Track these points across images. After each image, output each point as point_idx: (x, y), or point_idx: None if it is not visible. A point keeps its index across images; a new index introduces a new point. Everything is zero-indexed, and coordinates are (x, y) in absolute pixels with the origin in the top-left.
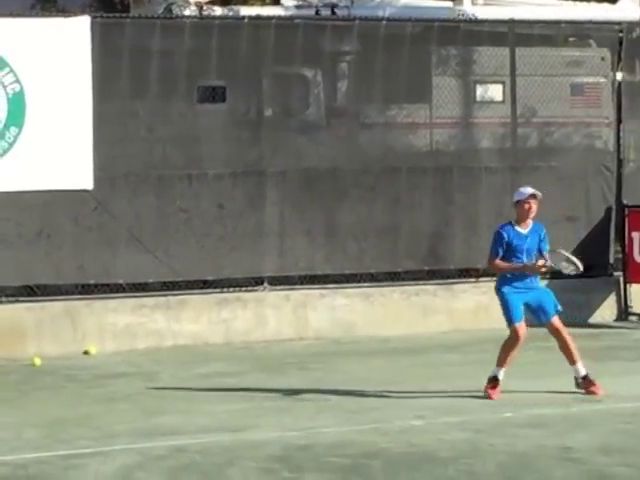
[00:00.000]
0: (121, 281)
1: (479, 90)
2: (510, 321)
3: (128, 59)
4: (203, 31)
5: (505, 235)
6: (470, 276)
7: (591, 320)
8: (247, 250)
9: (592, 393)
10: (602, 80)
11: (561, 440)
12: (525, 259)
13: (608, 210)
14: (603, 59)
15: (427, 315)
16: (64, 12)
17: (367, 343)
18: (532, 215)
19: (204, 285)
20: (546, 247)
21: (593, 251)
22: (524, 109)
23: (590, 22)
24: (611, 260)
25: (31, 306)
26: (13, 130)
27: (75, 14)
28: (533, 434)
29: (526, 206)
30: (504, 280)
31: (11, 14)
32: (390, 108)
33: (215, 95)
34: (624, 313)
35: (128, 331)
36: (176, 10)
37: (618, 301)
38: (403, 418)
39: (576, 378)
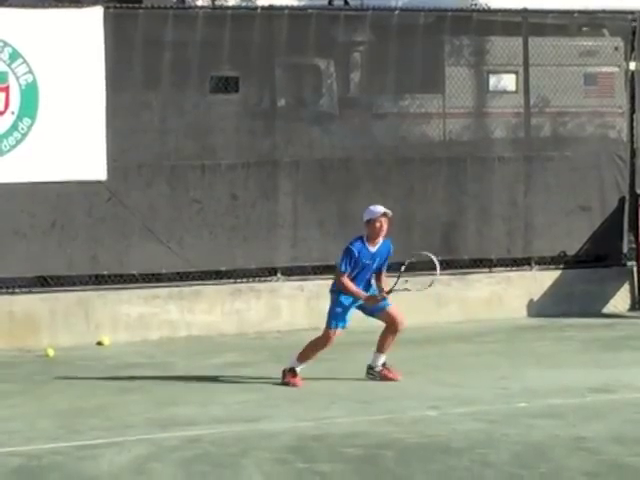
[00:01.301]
0: (134, 272)
1: (492, 80)
2: (329, 324)
3: (141, 49)
4: (216, 21)
5: (355, 252)
6: (483, 266)
7: (605, 310)
8: (260, 241)
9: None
10: (615, 70)
11: (575, 430)
12: (367, 275)
13: (621, 200)
14: (616, 48)
15: (441, 305)
16: (77, 3)
17: (380, 333)
18: (383, 234)
19: (217, 276)
20: (384, 268)
21: (606, 241)
22: (537, 99)
23: (603, 11)
24: (624, 250)
25: (45, 297)
26: (26, 121)
27: (88, 5)
28: (547, 424)
29: (377, 224)
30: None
31: (24, 5)
32: (403, 98)
33: (228, 85)
34: (638, 303)
35: (141, 322)
36: (189, 0)
37: (631, 291)
38: (417, 408)
39: (373, 366)
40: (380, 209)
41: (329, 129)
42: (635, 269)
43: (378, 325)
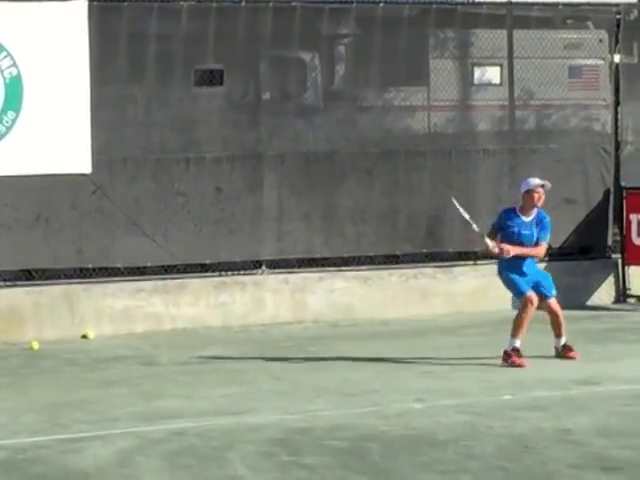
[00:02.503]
0: (119, 265)
1: (477, 73)
2: (520, 293)
3: (125, 43)
4: (200, 14)
5: (503, 216)
6: (469, 259)
7: (589, 302)
8: (245, 233)
9: (571, 357)
10: (600, 62)
11: (560, 422)
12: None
13: (606, 192)
14: (601, 41)
15: (426, 298)
16: None
17: (366, 326)
18: (540, 204)
19: (202, 269)
20: (543, 236)
21: (591, 233)
22: (522, 92)
23: (588, 4)
24: (609, 242)
25: (30, 290)
26: (10, 114)
27: None
28: (532, 416)
29: (535, 195)
30: (504, 264)
31: None
32: (388, 91)
33: (213, 78)
34: (622, 295)
35: (126, 315)
36: None
37: (616, 283)
38: (402, 401)
39: (557, 348)
40: (538, 181)
41: (314, 122)
42: (620, 261)
43: (362, 318)
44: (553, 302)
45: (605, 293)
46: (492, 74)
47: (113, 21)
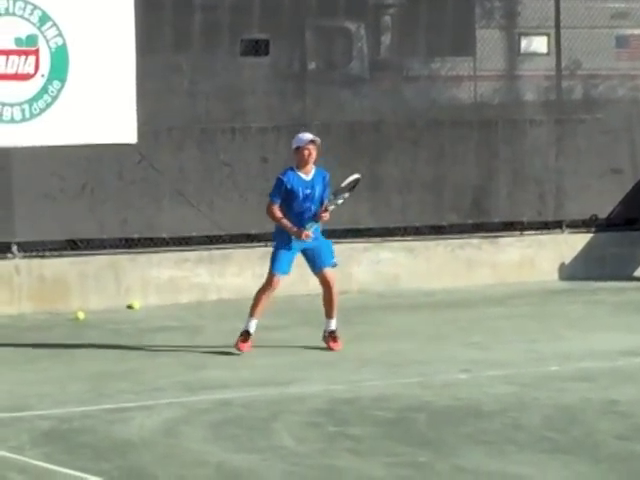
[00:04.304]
0: (165, 235)
1: (523, 42)
2: (272, 269)
3: (171, 12)
4: None
5: (284, 180)
6: (514, 229)
7: (636, 273)
8: None
9: (331, 349)
10: None
11: (607, 393)
12: (312, 206)
13: None
14: None
15: (471, 268)
16: None
17: (411, 297)
18: (312, 160)
19: (247, 239)
20: (327, 194)
21: (638, 204)
22: (569, 61)
23: None
24: None
25: (75, 260)
26: (56, 84)
27: None
28: (579, 387)
29: (305, 152)
30: (277, 232)
31: None
32: (434, 61)
33: (258, 48)
34: None
35: (171, 285)
36: None
37: None
38: (447, 372)
39: (325, 331)
40: (308, 136)
41: (360, 92)
42: None
43: (407, 289)
44: (328, 272)
45: None
46: (539, 44)
47: None
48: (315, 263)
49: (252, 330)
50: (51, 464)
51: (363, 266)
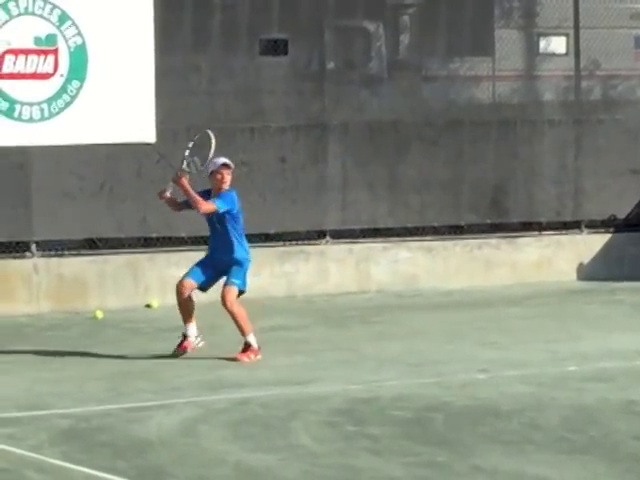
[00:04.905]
0: (183, 234)
1: (542, 42)
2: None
3: (190, 11)
4: None
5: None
6: (533, 229)
7: None
8: (309, 203)
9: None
10: None
11: (625, 393)
12: (223, 228)
13: None
14: None
15: (490, 268)
16: None
17: (429, 296)
18: (225, 185)
19: (266, 238)
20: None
21: None
22: (588, 62)
23: None
24: None
25: (94, 259)
26: (75, 83)
27: None
28: (597, 388)
29: (218, 176)
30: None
31: None
32: (453, 61)
33: (277, 48)
34: None
35: None
36: None
37: None
38: (466, 371)
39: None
40: (221, 160)
41: (378, 92)
42: None
43: (426, 289)
44: (226, 290)
45: None
46: (558, 44)
47: None
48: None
49: (190, 333)
50: (69, 463)
51: (381, 266)
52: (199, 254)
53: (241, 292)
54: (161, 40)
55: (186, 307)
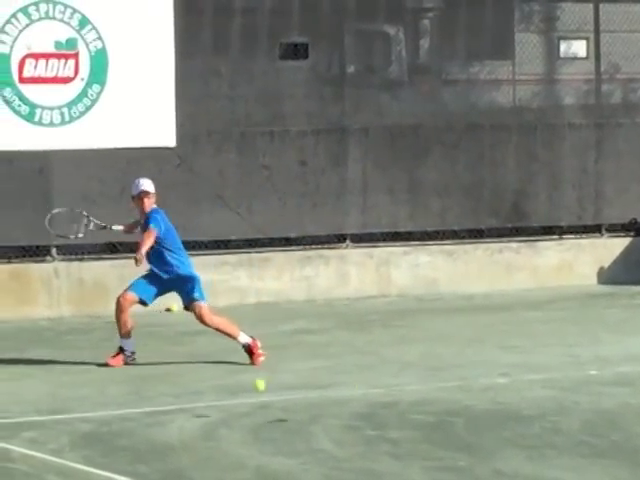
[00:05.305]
0: (204, 238)
1: (563, 46)
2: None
3: (210, 16)
4: None
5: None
6: (553, 233)
7: None
8: (329, 207)
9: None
10: None
11: None
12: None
13: None
14: None
15: (510, 272)
16: None
17: (450, 300)
18: (147, 209)
19: (286, 242)
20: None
21: None
22: (608, 65)
23: None
24: None
25: (114, 263)
26: (95, 87)
27: None
28: (618, 392)
29: (139, 202)
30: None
31: None
32: (473, 65)
33: (297, 52)
34: None
35: (211, 288)
36: None
37: None
38: (487, 375)
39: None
40: (141, 186)
41: (399, 96)
42: None
43: (446, 292)
44: (196, 306)
45: None
46: (578, 48)
47: None
48: (183, 299)
49: (127, 348)
50: (90, 467)
51: (402, 269)
52: (219, 258)
53: None
54: (181, 44)
55: (124, 321)
